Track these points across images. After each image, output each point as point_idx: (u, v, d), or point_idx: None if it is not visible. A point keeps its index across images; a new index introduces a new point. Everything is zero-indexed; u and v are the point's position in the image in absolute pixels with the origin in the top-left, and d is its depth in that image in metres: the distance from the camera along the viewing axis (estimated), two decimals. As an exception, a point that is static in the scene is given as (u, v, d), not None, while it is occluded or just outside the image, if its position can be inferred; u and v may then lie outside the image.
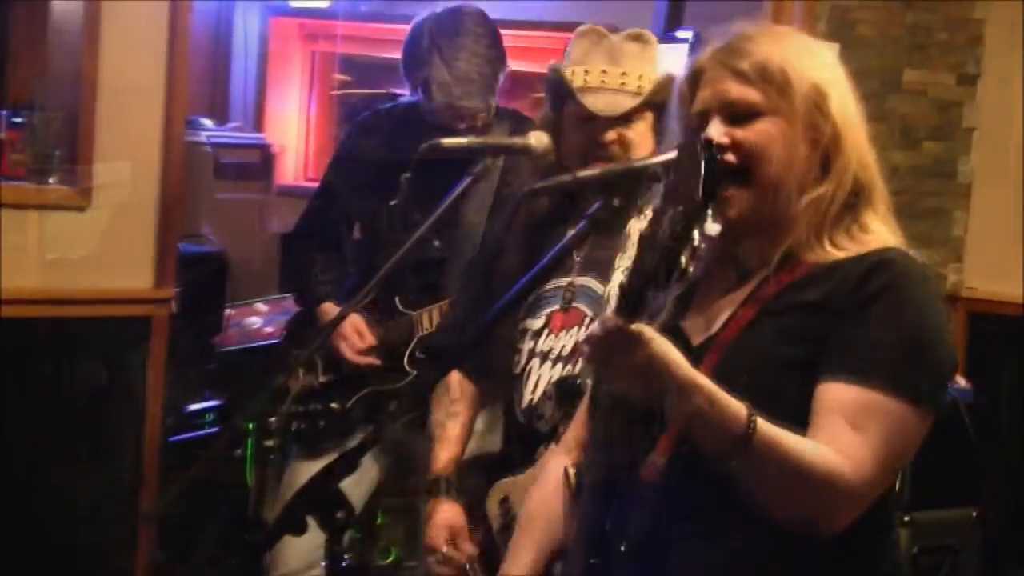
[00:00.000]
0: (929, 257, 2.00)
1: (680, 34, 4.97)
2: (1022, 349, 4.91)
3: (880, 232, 2.16)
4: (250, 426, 4.45)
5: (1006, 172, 5.09)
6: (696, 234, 1.85)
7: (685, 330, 2.20)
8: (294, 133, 7.29)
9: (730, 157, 2.11)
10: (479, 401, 3.23)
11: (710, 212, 1.87)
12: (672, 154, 2.02)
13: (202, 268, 5.05)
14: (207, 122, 6.22)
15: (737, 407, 1.97)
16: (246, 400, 3.77)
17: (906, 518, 4.17)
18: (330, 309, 3.95)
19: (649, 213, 1.93)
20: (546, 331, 3.02)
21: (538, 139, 3.12)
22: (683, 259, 1.85)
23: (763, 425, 1.96)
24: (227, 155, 6.07)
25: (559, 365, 2.97)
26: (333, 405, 3.95)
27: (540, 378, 2.99)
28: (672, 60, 3.22)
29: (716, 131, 2.12)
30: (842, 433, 1.99)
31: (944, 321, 2.12)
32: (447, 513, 3.04)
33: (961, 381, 4.43)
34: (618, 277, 2.89)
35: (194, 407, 4.97)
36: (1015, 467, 4.84)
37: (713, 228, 1.87)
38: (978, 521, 4.43)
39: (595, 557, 2.14)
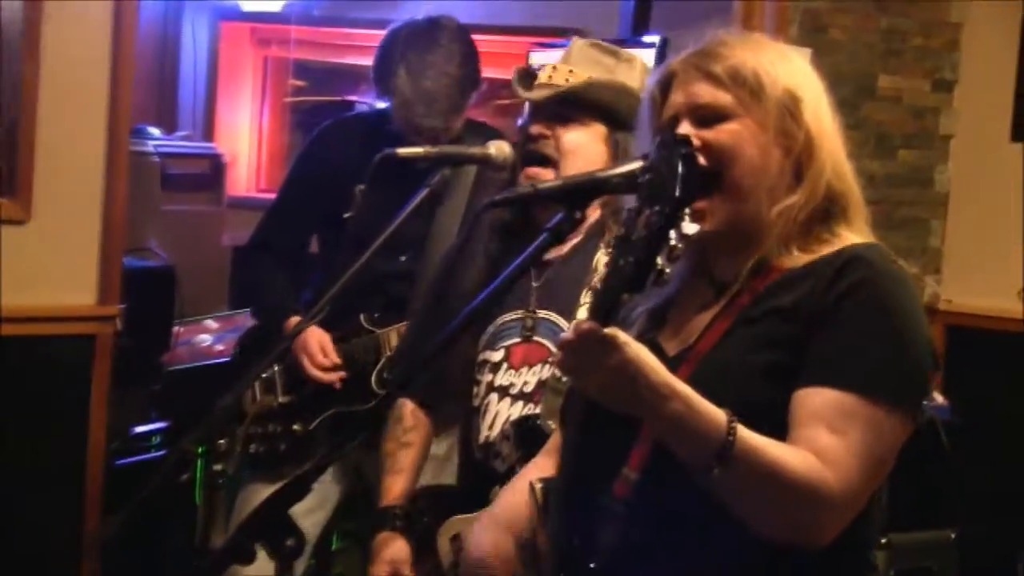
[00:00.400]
0: (906, 268, 2.08)
1: (647, 38, 4.89)
2: (1002, 364, 4.92)
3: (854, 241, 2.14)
4: (199, 449, 4.37)
5: (984, 180, 5.12)
6: (673, 234, 1.79)
7: (660, 343, 2.16)
8: (246, 142, 7.36)
9: (700, 160, 2.05)
10: (433, 431, 3.15)
11: (688, 212, 1.82)
12: (635, 165, 2.01)
13: (148, 284, 5.00)
14: (154, 131, 6.17)
15: (716, 413, 1.92)
16: (195, 422, 3.69)
17: (883, 540, 4.14)
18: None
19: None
20: (505, 365, 2.94)
21: (498, 148, 3.06)
22: (660, 260, 1.79)
23: (743, 432, 1.92)
24: (175, 165, 6.03)
25: (519, 403, 2.89)
26: (295, 427, 3.85)
27: (498, 414, 2.91)
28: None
29: (685, 132, 2.10)
30: (822, 439, 1.96)
31: (921, 319, 2.08)
32: (392, 548, 2.96)
33: (938, 398, 4.51)
34: (583, 314, 2.81)
35: (140, 429, 4.91)
36: (993, 487, 4.84)
37: (691, 228, 1.81)
38: (956, 543, 4.39)
39: (564, 573, 2.10)
